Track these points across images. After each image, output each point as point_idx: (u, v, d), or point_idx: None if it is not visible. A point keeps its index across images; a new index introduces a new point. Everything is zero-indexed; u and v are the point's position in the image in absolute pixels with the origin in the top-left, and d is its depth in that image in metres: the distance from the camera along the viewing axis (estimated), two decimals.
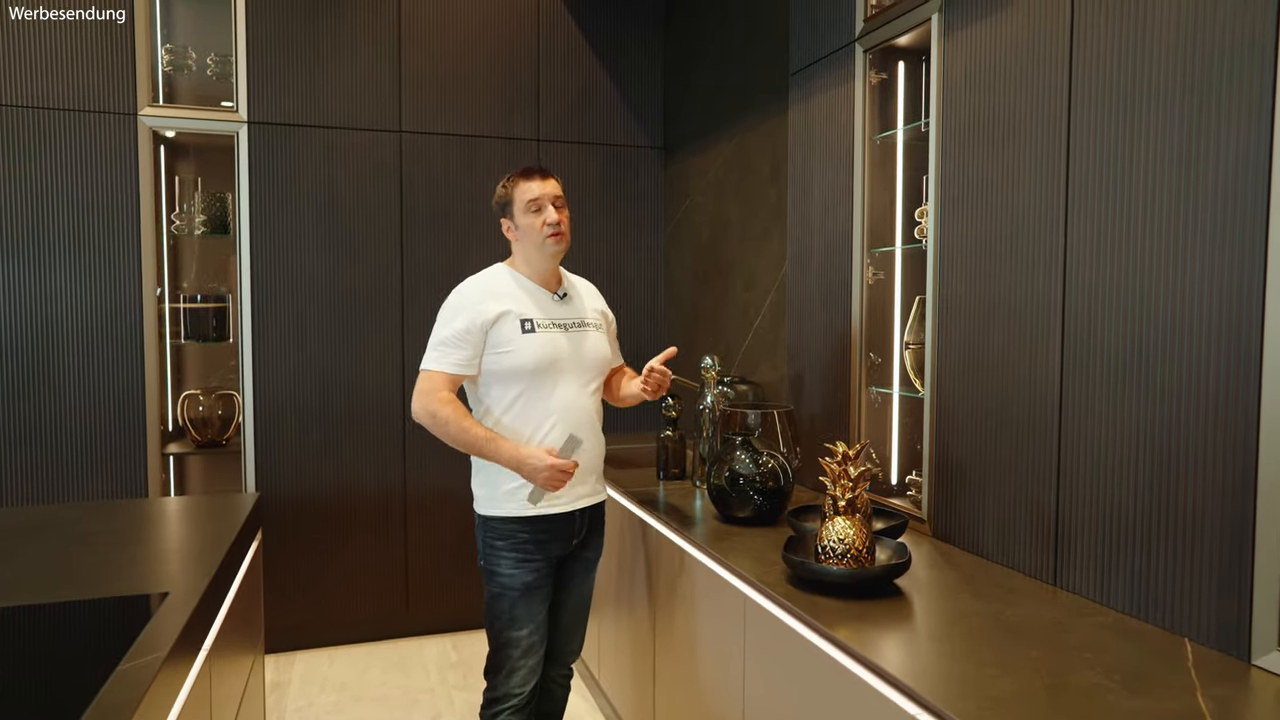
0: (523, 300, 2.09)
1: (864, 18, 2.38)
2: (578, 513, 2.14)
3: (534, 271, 2.13)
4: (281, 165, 3.47)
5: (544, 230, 2.06)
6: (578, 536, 2.17)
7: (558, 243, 2.08)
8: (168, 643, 1.39)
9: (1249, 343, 1.34)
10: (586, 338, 2.15)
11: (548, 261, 2.11)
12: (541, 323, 2.08)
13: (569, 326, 2.13)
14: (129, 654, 1.33)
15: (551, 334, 2.08)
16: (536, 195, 2.07)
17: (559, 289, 2.17)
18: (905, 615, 1.61)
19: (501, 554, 2.09)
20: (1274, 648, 1.31)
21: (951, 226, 2.05)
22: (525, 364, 2.03)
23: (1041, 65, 1.76)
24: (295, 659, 3.52)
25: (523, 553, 2.08)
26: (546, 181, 2.10)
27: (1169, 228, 1.48)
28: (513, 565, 2.08)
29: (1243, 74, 1.35)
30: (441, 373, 2.04)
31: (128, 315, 3.28)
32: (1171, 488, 1.49)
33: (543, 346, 2.05)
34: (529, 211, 2.07)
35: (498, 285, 2.10)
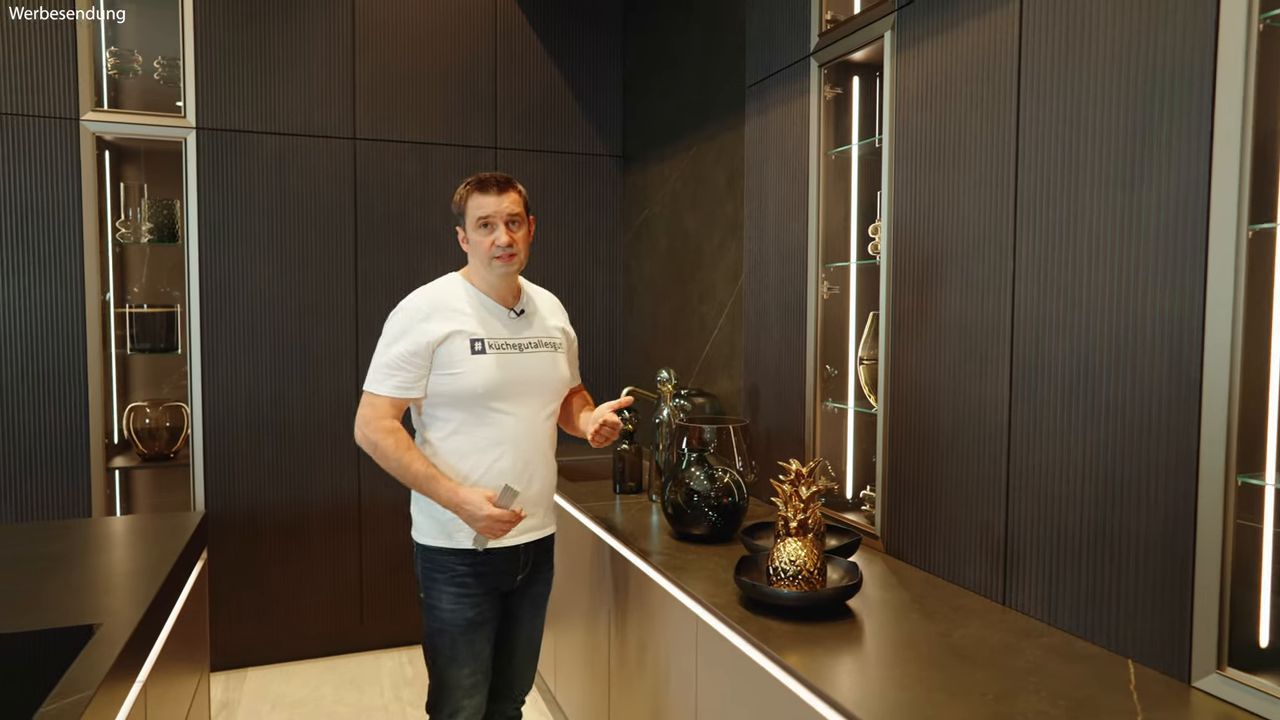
0: (474, 317, 1.95)
1: (819, 32, 2.39)
2: (522, 547, 2.03)
3: (488, 286, 2.00)
4: (232, 172, 3.39)
5: (492, 251, 1.93)
6: (522, 571, 2.05)
7: (506, 264, 1.94)
8: (95, 680, 1.34)
9: (1189, 366, 1.36)
10: (544, 359, 2.02)
11: (499, 280, 1.98)
12: (494, 342, 1.95)
13: (525, 347, 2.00)
14: (52, 695, 1.28)
15: (505, 355, 1.95)
16: (488, 213, 1.92)
17: (516, 304, 2.03)
18: (856, 639, 1.61)
19: (441, 587, 1.97)
20: (1213, 670, 1.33)
21: (904, 244, 2.05)
22: (474, 387, 1.91)
23: (991, 88, 1.77)
24: (246, 676, 3.44)
25: (463, 587, 1.97)
26: (503, 196, 1.94)
27: (1114, 253, 1.49)
28: (453, 600, 1.96)
29: (1183, 103, 1.36)
30: (384, 397, 1.92)
31: (71, 325, 3.18)
32: (1116, 509, 1.50)
33: (494, 369, 1.92)
34: (479, 228, 1.94)
35: (448, 299, 1.96)
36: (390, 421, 1.92)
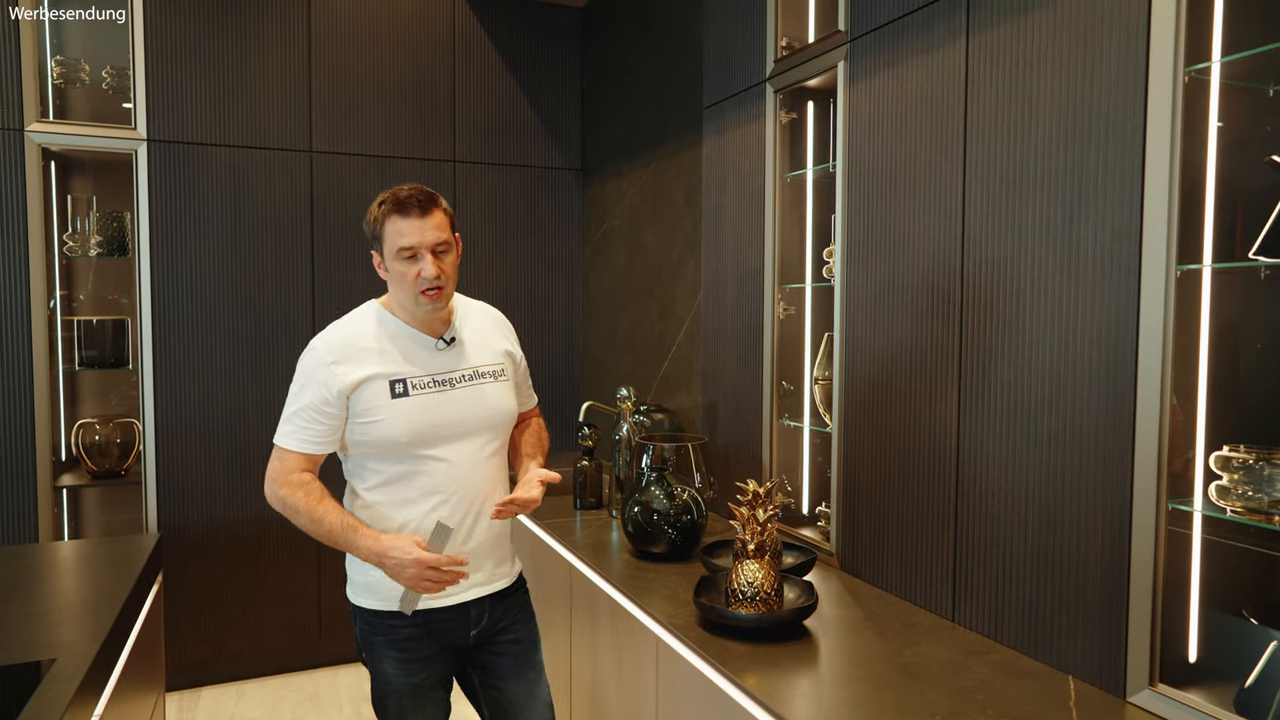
0: (392, 355, 1.70)
1: (774, 58, 2.44)
2: (472, 604, 1.78)
3: (412, 316, 1.73)
4: (184, 185, 3.34)
5: (418, 285, 1.65)
6: (476, 626, 1.79)
7: (434, 300, 1.67)
8: (56, 715, 1.32)
9: (1124, 397, 1.43)
10: (481, 393, 1.76)
11: (427, 315, 1.72)
12: (418, 381, 1.70)
13: (457, 382, 1.74)
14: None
15: (431, 395, 1.70)
16: (412, 243, 1.64)
17: (445, 332, 1.77)
18: (812, 659, 1.66)
19: (383, 651, 1.73)
20: (1145, 686, 1.40)
21: (857, 269, 2.12)
22: (396, 436, 1.67)
23: (939, 121, 1.84)
24: (201, 695, 3.39)
25: (405, 650, 1.73)
26: (426, 220, 1.65)
27: (1055, 287, 1.56)
28: (396, 665, 1.73)
29: (1117, 148, 1.43)
30: (293, 452, 1.69)
31: (15, 340, 3.11)
32: (1057, 531, 1.57)
33: (418, 413, 1.68)
34: (401, 258, 1.65)
35: (361, 338, 1.70)
36: (300, 474, 1.70)
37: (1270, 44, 1.31)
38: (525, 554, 2.81)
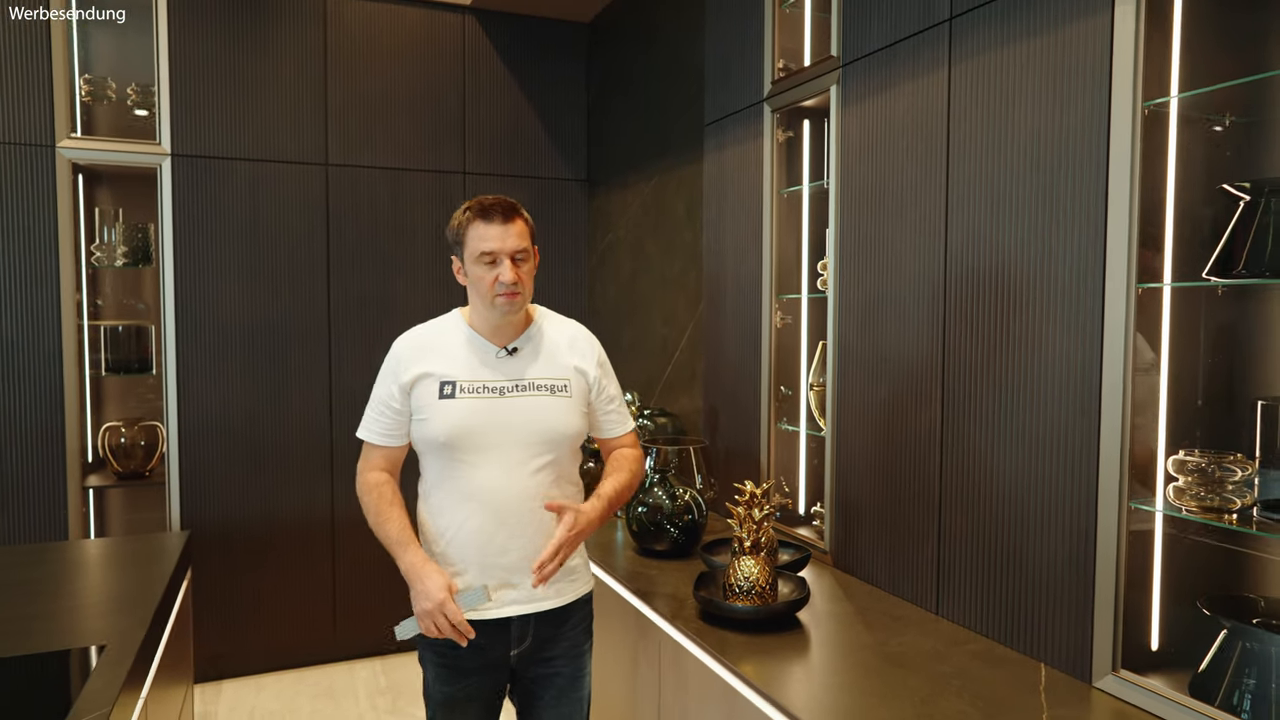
0: (454, 358, 1.75)
1: (771, 80, 2.56)
2: (515, 621, 1.75)
3: (483, 322, 1.77)
4: (206, 197, 3.48)
5: (495, 289, 1.70)
6: (517, 647, 1.76)
7: (510, 303, 1.71)
8: (111, 697, 1.46)
9: (1090, 406, 1.55)
10: (534, 404, 1.74)
11: (500, 319, 1.75)
12: (467, 385, 1.72)
13: (508, 390, 1.73)
14: (73, 713, 1.40)
15: (476, 400, 1.71)
16: (493, 248, 1.69)
17: (511, 343, 1.78)
18: (804, 648, 1.78)
19: (428, 655, 1.79)
20: (1109, 672, 1.52)
21: (848, 282, 2.24)
22: (437, 436, 1.70)
23: (924, 145, 1.96)
24: (222, 688, 3.52)
25: (444, 658, 1.75)
26: (509, 227, 1.71)
27: (1029, 302, 1.68)
28: (436, 671, 1.77)
29: (1083, 175, 1.56)
30: (369, 444, 1.79)
31: (46, 347, 3.25)
32: (1030, 530, 1.69)
33: (458, 415, 1.70)
34: (480, 262, 1.70)
35: (434, 339, 1.78)
36: (376, 474, 1.78)
37: (1221, 83, 1.44)
38: None
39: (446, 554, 1.75)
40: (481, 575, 1.73)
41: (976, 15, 1.79)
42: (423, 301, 3.79)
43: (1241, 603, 1.45)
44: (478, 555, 1.71)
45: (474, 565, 1.72)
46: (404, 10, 3.77)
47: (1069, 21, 1.57)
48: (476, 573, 1.73)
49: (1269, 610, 1.41)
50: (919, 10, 1.96)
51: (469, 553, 1.72)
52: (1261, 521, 1.37)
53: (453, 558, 1.74)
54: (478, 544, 1.71)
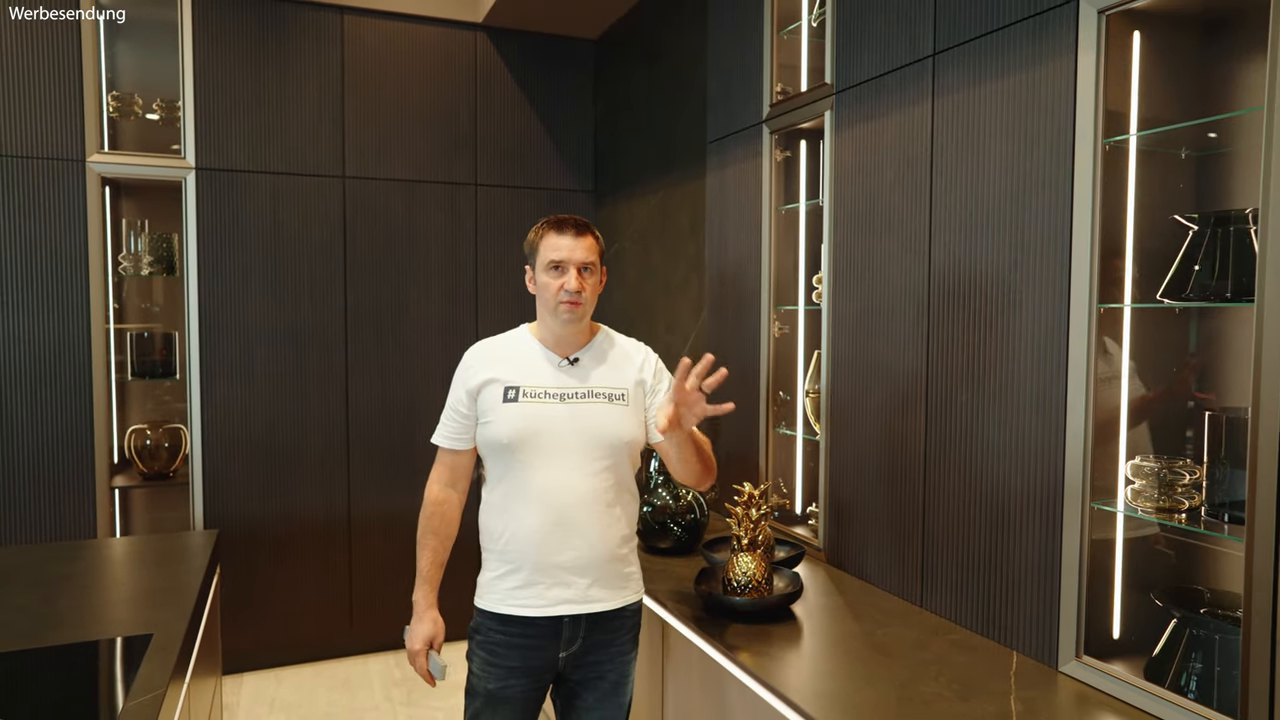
0: (519, 365, 1.85)
1: (770, 103, 2.71)
2: (566, 620, 1.80)
3: (548, 333, 1.88)
4: (228, 209, 3.63)
5: (559, 295, 1.80)
6: (566, 649, 1.82)
7: (571, 311, 1.80)
8: (164, 680, 1.61)
9: (1056, 415, 1.69)
10: (592, 411, 1.82)
11: (561, 326, 1.84)
12: (530, 391, 1.81)
13: (568, 397, 1.82)
14: (132, 693, 1.55)
15: (539, 405, 1.80)
16: (562, 257, 1.80)
17: (573, 354, 1.87)
18: (797, 638, 1.93)
19: (475, 649, 1.87)
20: (1074, 658, 1.66)
21: (841, 296, 2.38)
22: (499, 437, 1.79)
23: (910, 171, 2.10)
24: (243, 681, 3.68)
25: (493, 654, 1.82)
26: (579, 240, 1.82)
27: (1002, 320, 1.83)
28: (481, 665, 1.84)
29: (1050, 204, 1.70)
30: (442, 448, 1.92)
31: (77, 353, 3.41)
32: (1005, 529, 1.83)
33: (521, 419, 1.79)
34: (549, 270, 1.82)
35: (502, 348, 1.89)
36: (439, 490, 1.92)
37: (1176, 124, 1.58)
38: None
39: (505, 552, 1.82)
40: (536, 574, 1.79)
41: (957, 53, 1.93)
42: (435, 309, 3.95)
43: (1191, 594, 1.59)
44: (534, 554, 1.78)
45: (529, 563, 1.79)
46: (418, 29, 3.92)
47: (1037, 64, 1.72)
48: (531, 571, 1.79)
49: (1214, 601, 1.55)
50: (906, 45, 2.10)
51: (526, 551, 1.78)
52: (1208, 521, 1.51)
53: (510, 556, 1.81)
54: (534, 543, 1.78)
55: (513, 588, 1.80)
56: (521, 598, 1.79)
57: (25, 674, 1.68)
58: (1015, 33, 1.77)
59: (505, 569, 1.81)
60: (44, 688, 1.63)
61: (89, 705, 1.55)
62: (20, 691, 1.61)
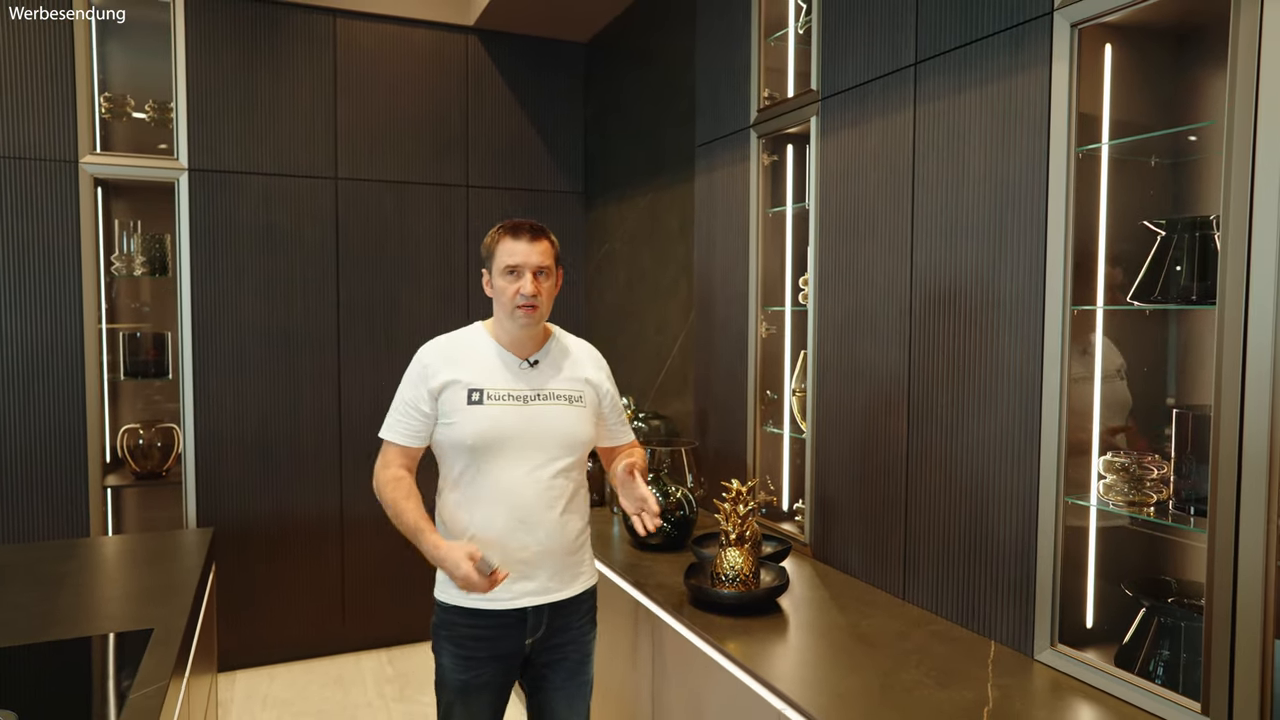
0: (479, 367, 1.90)
1: (758, 108, 2.76)
2: (530, 610, 1.90)
3: (505, 334, 1.94)
4: (221, 210, 3.66)
5: (515, 300, 1.86)
6: (531, 636, 1.92)
7: (528, 316, 1.87)
8: (165, 673, 1.65)
9: (1032, 413, 1.75)
10: (553, 411, 1.91)
11: (519, 330, 1.90)
12: (493, 393, 1.88)
13: (531, 399, 1.90)
14: (136, 684, 1.59)
15: (502, 406, 1.87)
16: (518, 262, 1.86)
17: (531, 355, 1.95)
18: (783, 630, 1.98)
19: (444, 644, 1.92)
20: (1049, 646, 1.73)
21: (826, 298, 2.44)
22: (464, 439, 1.85)
23: (893, 176, 2.17)
24: (236, 678, 3.71)
25: (461, 647, 1.90)
26: (535, 245, 1.87)
27: (981, 320, 1.89)
28: (452, 659, 1.91)
29: (1026, 210, 1.76)
30: (391, 443, 1.92)
31: (69, 353, 3.43)
32: (984, 524, 1.90)
33: (486, 421, 1.85)
34: (505, 275, 1.87)
35: (459, 348, 1.94)
36: (396, 470, 1.91)
37: (1146, 133, 1.65)
38: None
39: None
40: (502, 568, 1.82)
41: (937, 62, 2.00)
42: (427, 308, 3.99)
43: (1159, 584, 1.65)
44: (499, 550, 1.86)
45: (495, 559, 1.83)
46: (410, 31, 3.96)
47: (1013, 74, 1.78)
48: (497, 564, 1.82)
49: (1181, 590, 1.62)
50: (888, 54, 2.16)
51: (490, 548, 1.85)
52: (1175, 514, 1.57)
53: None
54: (500, 540, 1.86)
55: None
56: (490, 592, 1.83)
57: (29, 668, 1.71)
58: (994, 44, 1.84)
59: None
60: (49, 681, 1.67)
61: (94, 698, 1.59)
62: (25, 685, 1.65)
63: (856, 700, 1.60)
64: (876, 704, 1.59)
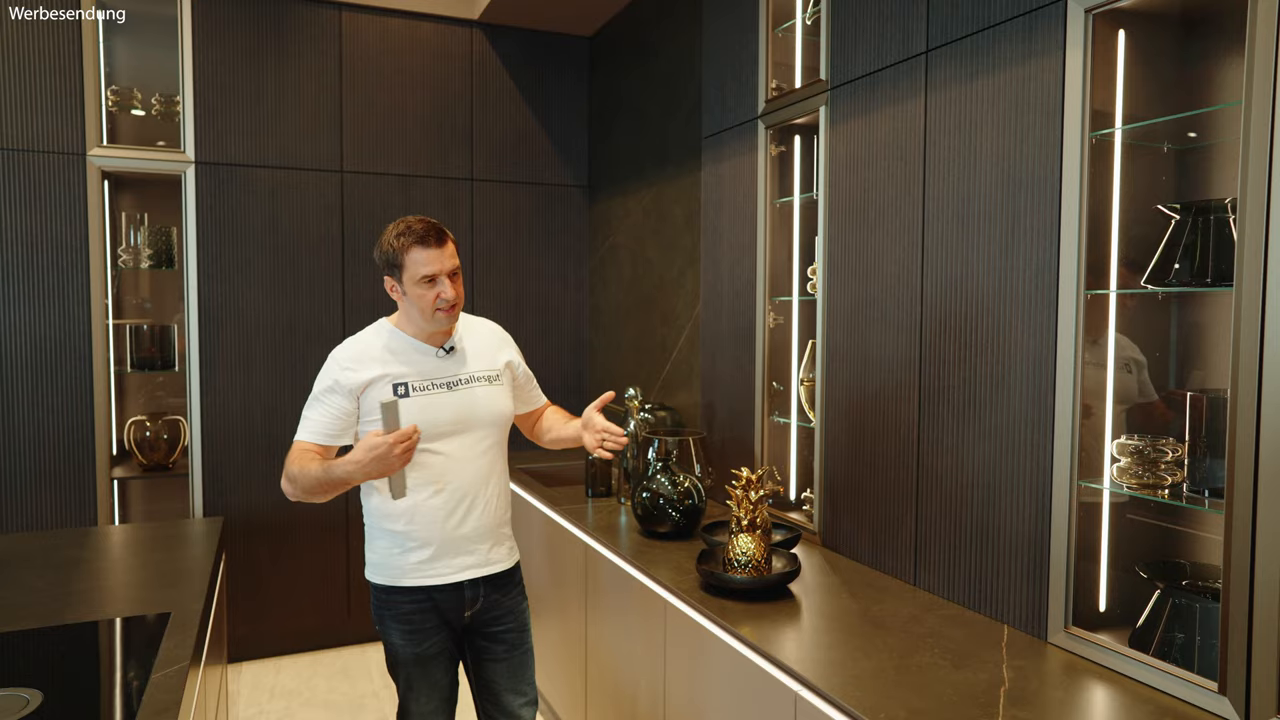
0: (399, 361, 1.97)
1: (765, 99, 2.77)
2: (467, 584, 2.04)
3: (418, 330, 2.00)
4: (228, 203, 3.66)
5: (436, 304, 1.93)
6: (470, 608, 2.06)
7: (449, 316, 1.96)
8: (186, 655, 1.65)
9: (1045, 397, 1.77)
10: (476, 394, 2.03)
11: (439, 328, 1.99)
12: (418, 385, 1.96)
13: (454, 384, 2.00)
14: (157, 665, 1.60)
15: (429, 396, 1.96)
16: (434, 271, 1.91)
17: (445, 343, 2.03)
18: (795, 614, 2.00)
19: (390, 624, 2.02)
20: (1062, 629, 1.74)
21: (835, 287, 2.45)
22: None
23: (903, 164, 2.18)
24: (243, 669, 3.71)
25: (409, 624, 2.01)
26: (444, 250, 1.92)
27: (994, 305, 1.90)
28: (401, 636, 2.01)
29: (1040, 195, 1.77)
30: (306, 442, 1.94)
31: (77, 346, 3.43)
32: (996, 509, 1.91)
33: (417, 412, 1.93)
34: (422, 284, 1.91)
35: (371, 349, 1.98)
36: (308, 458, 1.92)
37: (1159, 118, 1.66)
38: (541, 535, 3.14)
39: (409, 531, 2.00)
40: (444, 548, 2.00)
41: (948, 50, 2.01)
42: None
43: (1173, 567, 1.67)
44: (439, 530, 1.99)
45: (437, 539, 2.00)
46: (415, 25, 3.96)
47: (1025, 60, 1.79)
48: (439, 545, 2.00)
49: (1195, 573, 1.63)
50: (899, 43, 2.17)
51: (432, 528, 1.99)
52: (1189, 496, 1.59)
53: (416, 535, 2.00)
54: (438, 520, 1.98)
55: (421, 561, 2.00)
56: (432, 569, 2.00)
57: (51, 649, 1.72)
58: (1006, 30, 1.85)
59: (409, 545, 1.99)
60: (70, 662, 1.67)
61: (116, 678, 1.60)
62: (48, 665, 1.65)
63: (872, 682, 1.62)
64: (892, 684, 1.60)
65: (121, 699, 1.47)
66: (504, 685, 2.15)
